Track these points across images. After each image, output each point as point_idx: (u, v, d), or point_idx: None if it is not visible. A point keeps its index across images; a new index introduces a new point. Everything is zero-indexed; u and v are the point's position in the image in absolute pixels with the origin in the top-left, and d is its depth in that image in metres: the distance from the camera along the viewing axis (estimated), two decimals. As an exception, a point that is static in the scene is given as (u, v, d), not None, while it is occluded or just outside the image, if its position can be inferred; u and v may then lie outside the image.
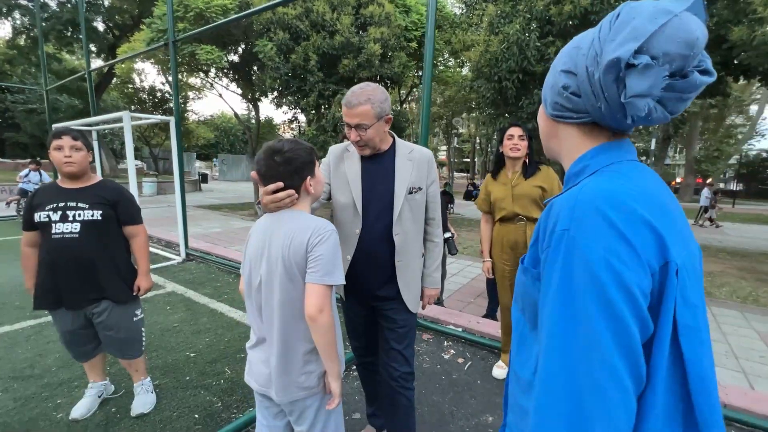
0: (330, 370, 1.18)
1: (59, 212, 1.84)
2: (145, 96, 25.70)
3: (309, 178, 1.21)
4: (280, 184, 1.17)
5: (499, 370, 2.60)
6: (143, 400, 2.18)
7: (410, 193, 1.57)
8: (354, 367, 2.31)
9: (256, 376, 1.24)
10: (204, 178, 22.65)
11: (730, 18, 7.10)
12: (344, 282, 1.20)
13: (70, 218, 1.85)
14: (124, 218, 2.02)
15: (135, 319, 2.10)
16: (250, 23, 8.91)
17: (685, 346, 0.49)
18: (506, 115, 8.50)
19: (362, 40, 8.61)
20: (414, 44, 9.87)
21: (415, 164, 1.60)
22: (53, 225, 1.83)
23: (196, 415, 2.16)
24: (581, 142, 0.65)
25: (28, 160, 9.55)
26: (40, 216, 1.82)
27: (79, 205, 1.87)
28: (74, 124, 6.14)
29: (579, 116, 0.62)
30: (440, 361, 2.80)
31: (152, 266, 5.15)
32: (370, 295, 1.63)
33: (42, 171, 9.12)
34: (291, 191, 1.18)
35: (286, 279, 1.15)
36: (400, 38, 9.31)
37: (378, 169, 1.59)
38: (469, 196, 19.55)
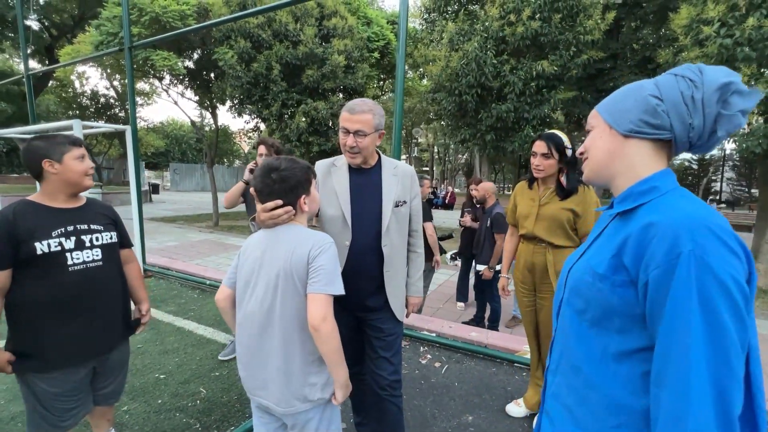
0: (336, 377, 1.22)
1: (73, 238, 1.50)
2: (86, 101, 23.87)
3: (304, 196, 1.25)
4: (279, 201, 1.21)
5: (517, 408, 2.31)
6: None
7: (396, 206, 1.66)
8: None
9: (254, 388, 1.25)
10: (155, 188, 21.36)
11: (654, 42, 8.02)
12: (343, 292, 1.23)
13: (88, 244, 1.54)
14: (123, 240, 1.76)
15: (129, 353, 1.87)
16: (209, 30, 8.67)
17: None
18: (465, 126, 8.91)
19: (326, 51, 8.67)
20: (376, 54, 10.09)
21: (400, 179, 1.69)
22: (69, 255, 1.48)
23: (174, 439, 2.08)
24: (648, 159, 0.77)
25: None
26: (48, 245, 1.43)
27: (92, 227, 1.57)
28: (12, 132, 5.63)
29: (659, 132, 0.74)
30: (418, 366, 2.89)
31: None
32: (359, 305, 1.67)
33: None
34: (289, 208, 1.22)
35: (287, 291, 1.18)
36: (363, 50, 9.48)
37: (365, 183, 1.66)
38: (430, 203, 20.05)
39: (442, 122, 9.38)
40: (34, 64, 18.34)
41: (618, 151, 0.80)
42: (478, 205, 4.23)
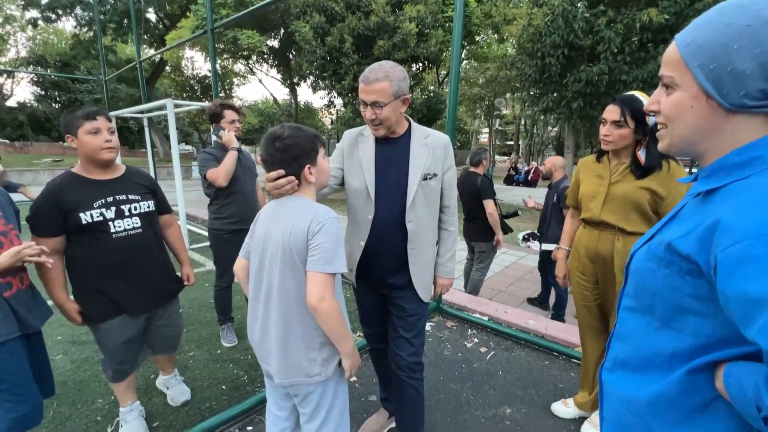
0: (342, 349, 1.21)
1: (113, 208, 1.60)
2: (194, 83, 26.97)
3: (308, 166, 1.20)
4: (281, 171, 1.17)
5: (564, 408, 2.07)
6: (182, 389, 2.15)
7: (425, 179, 1.53)
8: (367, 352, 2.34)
9: (261, 358, 1.29)
10: (248, 161, 23.51)
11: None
12: (346, 270, 1.19)
13: (127, 213, 1.64)
14: (162, 207, 1.86)
15: (180, 310, 2.03)
16: (288, 7, 8.97)
17: None
18: (552, 93, 7.96)
19: (397, 19, 8.40)
20: (451, 13, 9.49)
21: (431, 149, 1.54)
22: (111, 223, 1.59)
23: (224, 387, 2.31)
24: (761, 133, 0.58)
25: None
26: (91, 216, 1.55)
27: (130, 197, 1.67)
28: (125, 112, 6.59)
29: None
30: (462, 349, 2.77)
31: (195, 246, 5.50)
32: (381, 282, 1.61)
33: None
34: (291, 177, 1.18)
35: (286, 266, 1.16)
36: (437, 15, 8.96)
37: (392, 153, 1.55)
38: (510, 180, 18.86)
39: (522, 91, 8.51)
40: (150, 52, 21.10)
41: (716, 129, 0.59)
42: (544, 179, 3.90)
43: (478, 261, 3.88)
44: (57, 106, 28.44)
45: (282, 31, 10.55)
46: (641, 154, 1.64)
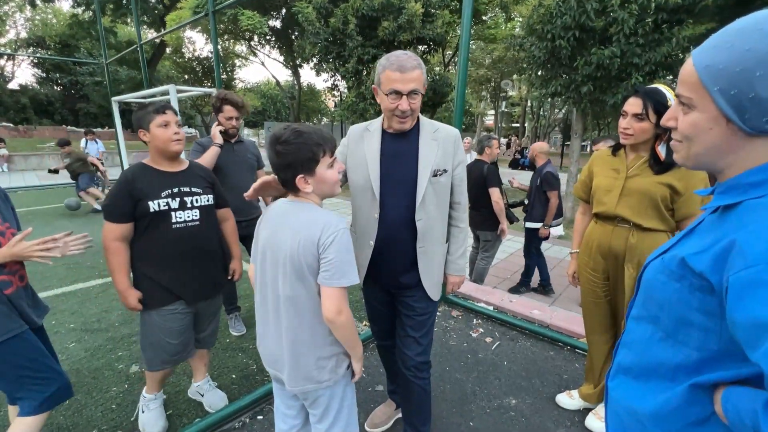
0: (354, 354, 1.25)
1: (177, 199, 1.68)
2: (196, 65, 26.52)
3: (303, 176, 1.13)
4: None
5: (568, 400, 2.10)
6: (218, 395, 2.10)
7: (435, 175, 1.49)
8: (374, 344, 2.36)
9: (269, 363, 1.29)
10: (251, 145, 23.38)
11: None
12: (358, 281, 1.19)
13: (189, 205, 1.71)
14: (220, 201, 1.90)
15: (220, 304, 2.05)
16: (290, -14, 8.72)
17: None
18: (562, 75, 7.74)
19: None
20: (459, -1, 9.21)
21: (441, 144, 1.51)
22: (173, 214, 1.67)
23: (234, 375, 2.36)
24: None
25: (83, 131, 9.39)
26: (158, 204, 1.63)
27: (193, 189, 1.73)
28: (128, 97, 6.52)
29: None
30: (467, 339, 2.80)
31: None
32: (390, 282, 1.60)
33: (98, 140, 8.97)
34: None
35: (295, 277, 1.13)
36: (444, -6, 8.70)
37: (400, 149, 1.51)
38: (516, 164, 18.65)
39: (530, 73, 8.28)
40: (150, 34, 20.68)
41: (736, 150, 0.59)
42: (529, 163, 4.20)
43: (483, 250, 3.89)
44: (59, 89, 28.22)
45: (284, 11, 10.29)
46: (661, 150, 1.60)
